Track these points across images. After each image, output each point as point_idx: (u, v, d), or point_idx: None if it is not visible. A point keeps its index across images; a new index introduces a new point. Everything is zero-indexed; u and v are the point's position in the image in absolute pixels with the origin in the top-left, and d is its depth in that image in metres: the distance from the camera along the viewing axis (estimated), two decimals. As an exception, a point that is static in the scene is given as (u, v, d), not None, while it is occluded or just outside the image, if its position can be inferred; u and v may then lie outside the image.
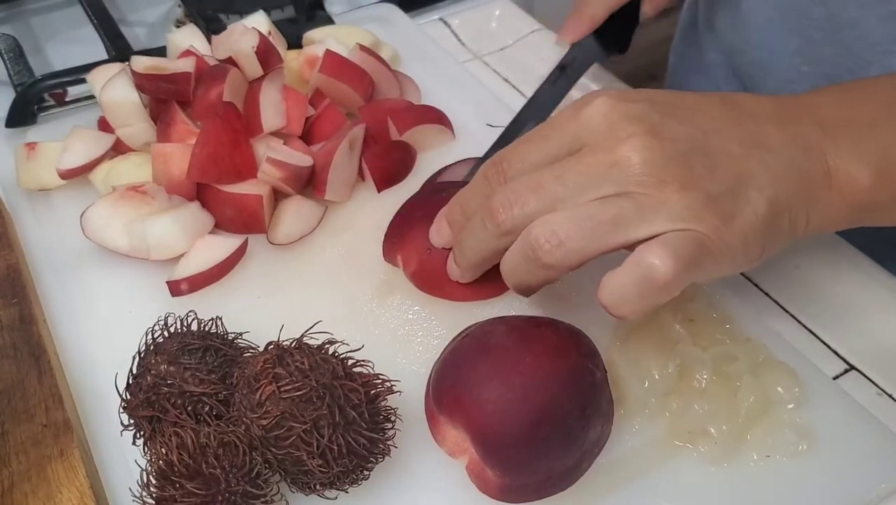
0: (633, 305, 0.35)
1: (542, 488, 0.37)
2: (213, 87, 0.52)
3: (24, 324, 0.45)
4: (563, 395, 0.36)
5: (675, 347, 0.42)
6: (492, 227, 0.38)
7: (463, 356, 0.38)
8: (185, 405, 0.37)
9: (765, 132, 0.38)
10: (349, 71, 0.56)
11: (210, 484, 0.34)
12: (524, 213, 0.37)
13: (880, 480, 0.39)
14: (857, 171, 0.38)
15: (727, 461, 0.40)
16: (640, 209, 0.35)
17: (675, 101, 0.39)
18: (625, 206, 0.35)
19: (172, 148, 0.50)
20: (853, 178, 0.39)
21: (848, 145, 0.39)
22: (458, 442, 0.38)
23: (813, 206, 0.39)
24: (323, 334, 0.37)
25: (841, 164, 0.39)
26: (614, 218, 0.35)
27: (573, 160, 0.37)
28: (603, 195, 0.36)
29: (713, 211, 0.35)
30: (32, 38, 0.73)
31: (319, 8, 0.70)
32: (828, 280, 0.50)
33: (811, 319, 0.48)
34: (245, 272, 0.49)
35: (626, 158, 0.36)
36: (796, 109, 0.40)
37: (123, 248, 0.49)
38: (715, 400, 0.41)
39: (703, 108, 0.39)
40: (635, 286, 0.35)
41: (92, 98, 0.61)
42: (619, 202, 0.35)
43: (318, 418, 0.34)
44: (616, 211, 0.35)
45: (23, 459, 0.39)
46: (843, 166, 0.39)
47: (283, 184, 0.50)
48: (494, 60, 0.70)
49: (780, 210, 0.37)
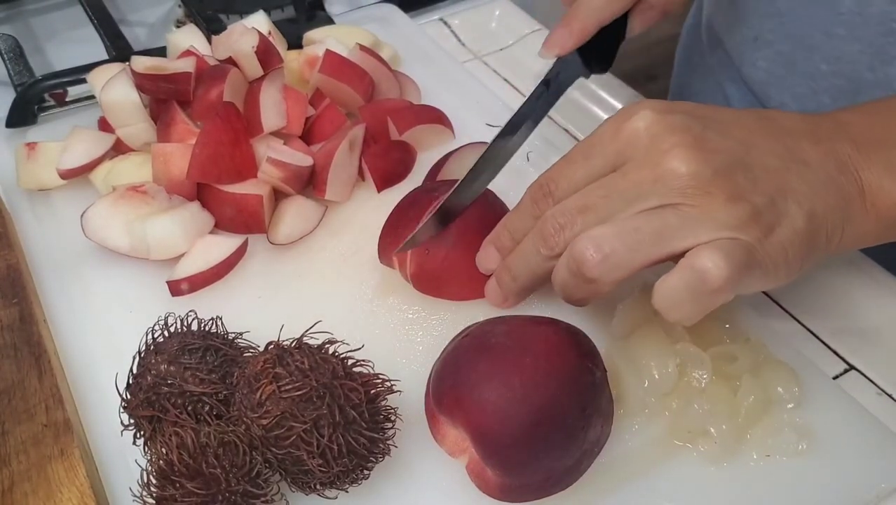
0: (687, 309, 0.35)
1: (542, 488, 0.37)
2: (213, 87, 0.52)
3: (24, 324, 0.45)
4: (563, 394, 0.36)
5: (675, 346, 0.42)
6: (545, 250, 0.39)
7: (463, 356, 0.38)
8: (185, 405, 0.37)
9: (801, 147, 0.39)
10: (349, 71, 0.57)
11: (210, 483, 0.34)
12: (575, 234, 0.37)
13: (880, 479, 0.39)
14: (891, 187, 0.39)
15: (727, 461, 0.40)
16: (685, 220, 0.36)
17: (713, 115, 0.39)
18: (669, 217, 0.36)
19: (173, 148, 0.50)
20: (886, 194, 0.39)
21: (881, 162, 0.39)
22: (458, 442, 0.38)
23: (848, 222, 0.39)
24: (323, 334, 0.37)
25: (874, 180, 0.39)
26: (659, 229, 0.36)
27: (618, 176, 0.37)
28: (648, 207, 0.36)
29: (758, 223, 0.36)
30: (32, 38, 0.73)
31: (319, 8, 0.70)
32: (828, 280, 0.50)
33: (811, 319, 0.48)
34: (245, 272, 0.49)
35: (670, 171, 0.36)
36: (828, 127, 0.40)
37: (124, 248, 0.49)
38: (715, 399, 0.41)
39: (741, 121, 0.39)
40: (688, 290, 0.35)
41: (92, 98, 0.61)
42: (664, 214, 0.36)
43: (319, 418, 0.34)
44: (661, 223, 0.36)
45: (23, 459, 0.39)
46: (877, 182, 0.39)
47: (284, 184, 0.51)
48: (494, 60, 0.70)
49: (818, 225, 0.38)
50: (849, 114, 0.42)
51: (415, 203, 0.47)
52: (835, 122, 0.41)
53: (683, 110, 0.39)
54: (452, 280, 0.46)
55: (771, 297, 0.49)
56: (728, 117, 0.40)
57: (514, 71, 0.68)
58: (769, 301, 0.49)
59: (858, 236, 0.40)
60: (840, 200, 0.39)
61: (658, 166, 0.36)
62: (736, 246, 0.35)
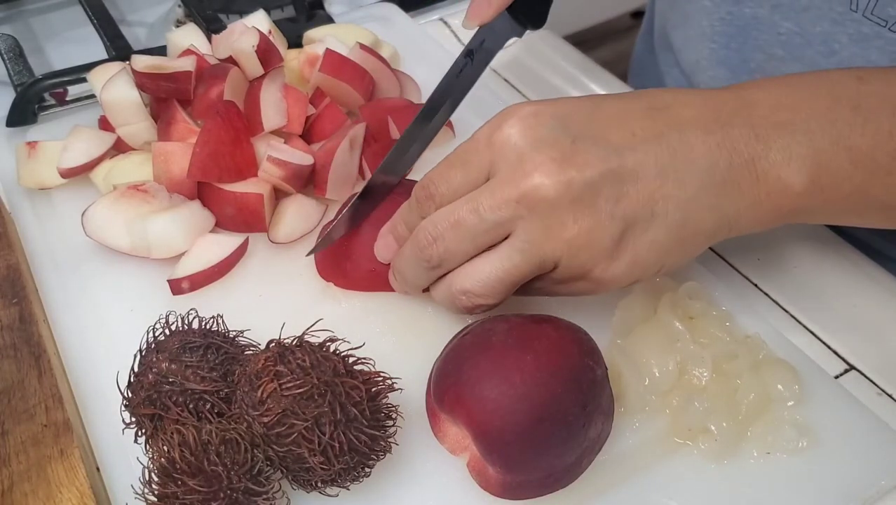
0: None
1: (543, 485, 0.37)
2: (213, 86, 0.52)
3: (24, 324, 0.45)
4: (564, 392, 0.36)
5: (676, 344, 0.42)
6: (423, 261, 0.40)
7: (464, 354, 0.38)
8: (186, 403, 0.37)
9: (688, 143, 0.38)
10: (349, 70, 0.57)
11: (212, 481, 0.34)
12: (446, 248, 0.39)
13: (880, 476, 0.39)
14: (788, 177, 0.38)
15: (727, 458, 0.40)
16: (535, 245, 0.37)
17: (594, 113, 0.39)
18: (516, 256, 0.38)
19: (173, 147, 0.50)
20: (784, 184, 0.38)
21: (780, 150, 0.38)
22: (459, 439, 0.38)
23: (739, 213, 0.39)
24: (324, 332, 0.37)
25: (771, 169, 0.38)
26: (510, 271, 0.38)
27: (486, 191, 0.38)
28: (509, 231, 0.38)
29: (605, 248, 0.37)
30: (32, 38, 0.73)
31: (319, 7, 0.70)
32: (828, 280, 0.50)
33: (811, 319, 0.48)
34: (246, 271, 0.49)
35: (531, 191, 0.37)
36: (731, 108, 0.39)
37: (124, 246, 0.49)
38: (715, 397, 0.41)
39: (626, 117, 0.39)
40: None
41: (92, 97, 0.61)
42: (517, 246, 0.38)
43: (320, 416, 0.34)
44: (511, 264, 0.38)
45: (23, 459, 0.39)
46: (774, 172, 0.38)
47: (284, 182, 0.51)
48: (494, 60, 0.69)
49: (685, 234, 0.38)
50: (758, 90, 0.40)
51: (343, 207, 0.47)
52: (740, 102, 0.40)
53: (560, 114, 0.38)
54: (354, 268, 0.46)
55: (771, 297, 0.49)
56: (612, 112, 0.39)
57: (515, 71, 0.68)
58: (769, 301, 0.49)
59: (754, 222, 0.39)
60: (725, 196, 0.38)
61: (519, 187, 0.37)
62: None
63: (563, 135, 0.37)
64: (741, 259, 0.51)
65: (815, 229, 0.53)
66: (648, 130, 0.38)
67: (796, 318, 0.48)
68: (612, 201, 0.37)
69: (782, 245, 0.52)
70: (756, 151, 0.38)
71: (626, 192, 0.37)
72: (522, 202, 0.37)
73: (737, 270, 0.51)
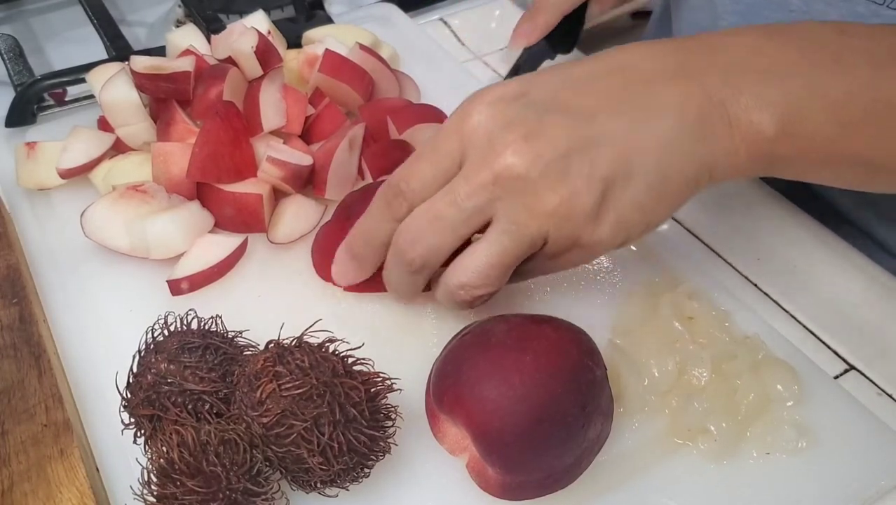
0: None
1: (543, 486, 0.37)
2: (212, 86, 0.52)
3: (24, 324, 0.45)
4: (564, 393, 0.36)
5: (675, 344, 0.42)
6: (406, 265, 0.40)
7: (463, 354, 0.38)
8: (185, 403, 0.37)
9: (655, 95, 0.38)
10: (349, 70, 0.57)
11: (211, 481, 0.34)
12: (429, 248, 0.39)
13: (879, 476, 0.39)
14: (759, 120, 0.38)
15: (727, 458, 0.40)
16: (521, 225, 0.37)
17: (560, 84, 0.39)
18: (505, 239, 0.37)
19: (172, 147, 0.50)
20: (756, 129, 0.38)
21: (750, 94, 0.38)
22: (459, 440, 0.38)
23: (716, 159, 0.38)
24: (323, 333, 0.37)
25: (742, 114, 0.38)
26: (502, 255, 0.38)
27: (461, 180, 0.38)
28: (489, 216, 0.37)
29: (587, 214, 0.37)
30: (32, 38, 0.73)
31: (319, 7, 0.70)
32: (828, 280, 0.50)
33: (811, 319, 0.48)
34: (245, 271, 0.49)
35: (504, 170, 0.36)
36: (700, 57, 0.39)
37: (123, 247, 0.49)
38: (714, 397, 0.41)
39: (592, 82, 0.39)
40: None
41: (92, 98, 0.61)
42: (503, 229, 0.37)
43: (319, 416, 0.34)
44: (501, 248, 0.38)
45: (23, 459, 0.39)
46: (745, 116, 0.38)
47: (283, 183, 0.51)
48: (494, 60, 0.70)
49: (666, 186, 0.38)
50: (731, 36, 0.40)
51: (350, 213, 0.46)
52: (707, 48, 0.39)
53: (525, 90, 0.38)
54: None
55: (771, 297, 0.49)
56: (580, 76, 0.39)
57: (514, 71, 0.68)
58: (769, 301, 0.49)
59: (732, 169, 0.39)
60: (698, 146, 0.38)
61: (492, 169, 0.37)
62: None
63: (530, 112, 0.37)
64: (741, 259, 0.51)
65: (815, 229, 0.53)
66: (615, 90, 0.38)
67: (796, 318, 0.48)
68: (587, 165, 0.37)
69: (782, 245, 0.52)
70: (725, 95, 0.38)
71: (600, 154, 0.37)
72: (498, 183, 0.37)
73: (737, 270, 0.51)
